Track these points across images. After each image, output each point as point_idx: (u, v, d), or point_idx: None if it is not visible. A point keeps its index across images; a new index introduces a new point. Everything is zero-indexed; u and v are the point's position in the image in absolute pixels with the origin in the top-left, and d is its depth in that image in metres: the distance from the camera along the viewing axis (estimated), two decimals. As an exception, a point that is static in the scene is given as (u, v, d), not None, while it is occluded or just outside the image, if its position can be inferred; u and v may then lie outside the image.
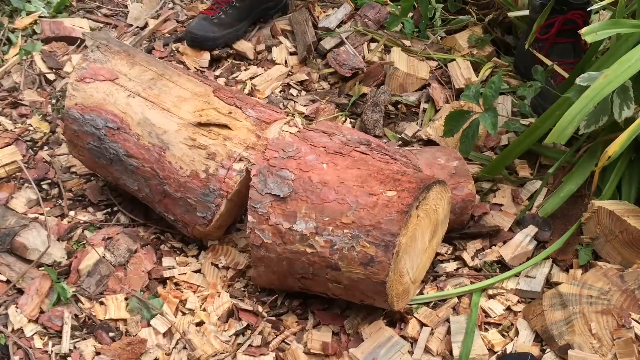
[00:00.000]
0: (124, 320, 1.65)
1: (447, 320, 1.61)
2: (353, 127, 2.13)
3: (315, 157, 1.58)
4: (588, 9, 1.96)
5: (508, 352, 1.55)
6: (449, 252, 1.80)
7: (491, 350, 1.56)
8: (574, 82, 1.62)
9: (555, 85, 1.95)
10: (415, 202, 1.49)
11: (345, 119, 2.16)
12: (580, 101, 1.53)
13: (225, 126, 1.69)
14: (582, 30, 1.56)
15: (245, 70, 2.33)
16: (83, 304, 1.68)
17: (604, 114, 1.61)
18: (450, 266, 1.75)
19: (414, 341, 1.58)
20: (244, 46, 2.38)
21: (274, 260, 1.58)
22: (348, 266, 1.51)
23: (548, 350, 1.54)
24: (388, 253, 1.47)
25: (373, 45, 2.31)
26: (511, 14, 2.29)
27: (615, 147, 1.52)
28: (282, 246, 1.55)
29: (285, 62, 2.35)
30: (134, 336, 1.61)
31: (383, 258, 1.47)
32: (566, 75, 1.96)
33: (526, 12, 2.24)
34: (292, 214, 1.54)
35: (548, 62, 1.99)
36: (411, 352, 1.55)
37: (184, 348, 1.60)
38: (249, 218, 1.57)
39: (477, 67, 2.23)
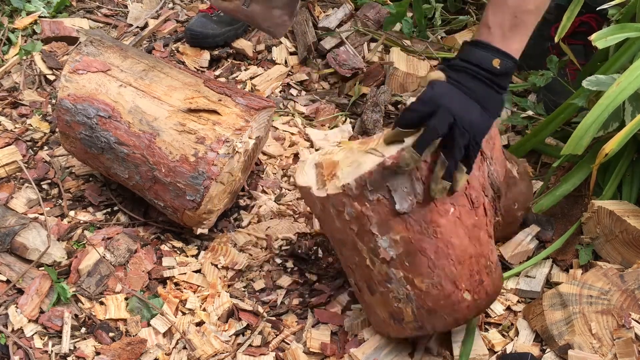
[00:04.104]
0: (124, 320, 1.65)
1: (447, 320, 1.61)
2: (353, 127, 2.13)
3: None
4: (602, 12, 1.94)
5: (508, 352, 1.55)
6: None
7: (491, 350, 1.56)
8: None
9: (567, 82, 1.95)
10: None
11: (346, 119, 2.16)
12: (594, 110, 1.53)
13: (214, 112, 1.72)
14: (592, 37, 1.56)
15: (245, 70, 2.33)
16: (83, 304, 1.68)
17: (614, 121, 1.61)
18: (450, 266, 1.75)
19: (414, 341, 1.57)
20: (243, 44, 2.38)
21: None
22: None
23: (548, 350, 1.54)
24: None
25: (373, 45, 2.31)
26: None
27: (612, 145, 1.51)
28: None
29: (285, 62, 2.35)
30: (134, 336, 1.61)
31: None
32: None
33: None
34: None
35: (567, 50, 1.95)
36: (411, 354, 1.55)
37: (184, 348, 1.60)
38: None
39: (477, 66, 2.22)
